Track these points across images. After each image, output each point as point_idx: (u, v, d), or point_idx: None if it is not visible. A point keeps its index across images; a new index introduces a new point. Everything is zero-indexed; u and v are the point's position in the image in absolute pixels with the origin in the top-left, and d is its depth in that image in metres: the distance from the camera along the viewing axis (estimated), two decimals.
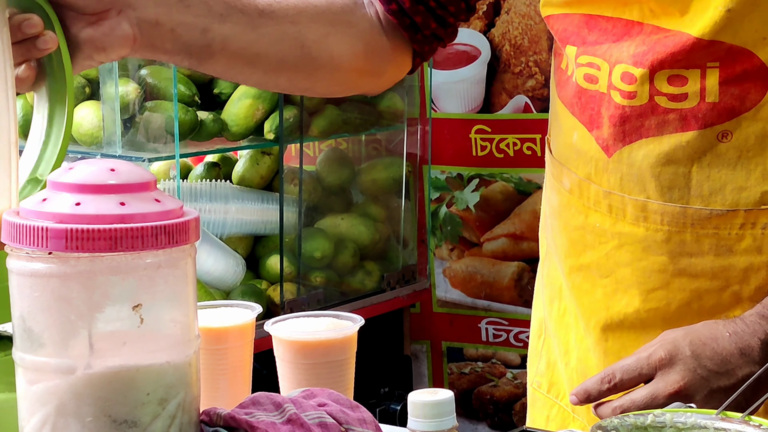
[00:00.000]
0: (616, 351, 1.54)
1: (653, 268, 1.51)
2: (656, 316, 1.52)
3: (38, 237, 1.01)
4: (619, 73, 1.46)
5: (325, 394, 1.17)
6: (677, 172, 1.46)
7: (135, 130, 2.25)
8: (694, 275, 1.49)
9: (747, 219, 1.46)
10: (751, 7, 1.37)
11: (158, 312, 1.04)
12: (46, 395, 1.03)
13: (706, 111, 1.43)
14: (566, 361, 1.64)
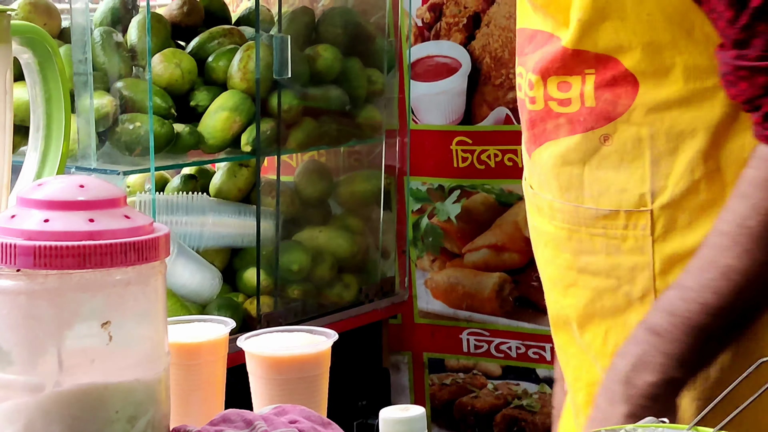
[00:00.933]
0: (560, 346, 1.64)
1: (564, 265, 1.57)
2: (574, 314, 1.58)
3: (6, 254, 1.01)
4: (528, 79, 1.53)
5: (297, 411, 1.18)
6: (572, 173, 1.51)
7: (110, 142, 2.25)
8: (592, 273, 1.54)
9: (628, 220, 1.51)
10: (601, 16, 1.42)
11: (127, 329, 1.04)
12: (15, 413, 1.03)
13: (586, 115, 1.48)
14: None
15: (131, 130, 2.24)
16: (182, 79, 2.38)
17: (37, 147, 1.35)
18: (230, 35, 2.51)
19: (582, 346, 1.61)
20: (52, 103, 1.34)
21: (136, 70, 2.35)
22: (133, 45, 2.37)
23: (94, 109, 2.21)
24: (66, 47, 2.28)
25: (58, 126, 1.34)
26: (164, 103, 2.32)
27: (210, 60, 2.45)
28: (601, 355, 1.59)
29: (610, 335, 1.58)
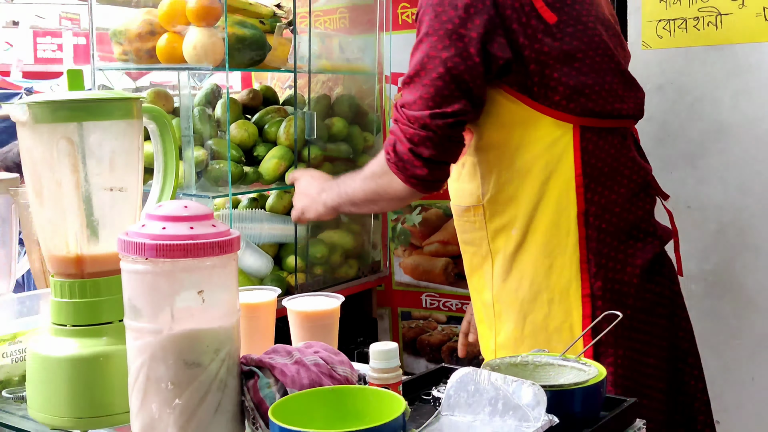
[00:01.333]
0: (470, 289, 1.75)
1: (460, 240, 1.72)
2: (467, 269, 1.72)
3: (139, 249, 1.02)
4: None
5: (319, 345, 1.18)
6: (451, 186, 1.70)
7: (204, 178, 2.25)
8: (466, 243, 1.69)
9: (475, 211, 1.63)
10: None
11: (214, 295, 1.05)
12: (144, 347, 1.04)
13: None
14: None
15: (217, 170, 2.24)
16: (248, 138, 2.38)
17: (158, 181, 1.35)
18: (278, 112, 2.51)
19: (471, 288, 1.73)
20: (167, 154, 1.35)
21: (220, 133, 2.35)
22: (218, 117, 2.37)
23: (194, 158, 2.21)
24: (176, 119, 2.28)
25: (171, 169, 1.35)
26: (237, 154, 2.32)
27: (266, 127, 2.45)
28: (476, 291, 1.71)
29: (477, 280, 1.69)
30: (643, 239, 1.56)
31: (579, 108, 1.49)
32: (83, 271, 1.19)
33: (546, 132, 1.50)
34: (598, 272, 1.51)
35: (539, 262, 1.53)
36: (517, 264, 1.56)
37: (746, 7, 2.14)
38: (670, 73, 2.27)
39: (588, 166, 1.50)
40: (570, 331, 1.51)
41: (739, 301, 2.24)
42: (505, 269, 1.58)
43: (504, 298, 1.58)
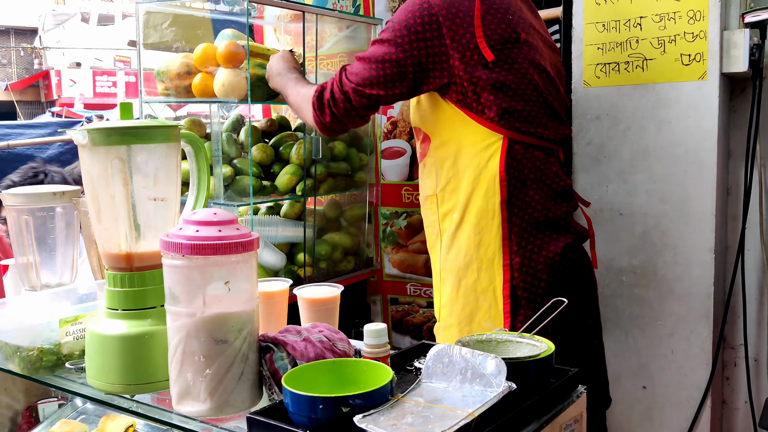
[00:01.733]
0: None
1: (424, 223, 1.76)
2: (427, 247, 1.77)
3: (178, 248, 1.02)
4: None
5: (323, 326, 1.18)
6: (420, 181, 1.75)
7: (231, 190, 2.25)
8: (427, 225, 1.72)
9: (431, 199, 1.69)
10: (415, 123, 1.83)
11: (238, 285, 1.04)
12: (181, 327, 1.03)
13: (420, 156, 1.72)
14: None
15: (241, 184, 2.23)
16: (267, 158, 2.37)
17: (193, 193, 1.35)
18: (291, 137, 2.51)
19: (431, 260, 1.76)
20: (201, 171, 1.34)
21: (243, 154, 2.35)
22: (242, 141, 2.37)
23: (222, 174, 2.20)
24: (208, 143, 2.27)
25: (203, 183, 1.34)
26: (257, 170, 2.31)
27: (281, 148, 2.45)
28: (432, 263, 1.74)
29: (433, 254, 1.73)
30: (557, 232, 1.61)
31: (508, 125, 1.54)
32: (132, 266, 1.19)
33: (481, 138, 1.56)
34: (518, 250, 1.56)
35: (471, 238, 1.59)
36: (456, 240, 1.61)
37: (667, 53, 2.15)
38: (606, 106, 2.28)
39: (510, 167, 1.57)
40: (493, 293, 1.56)
41: (661, 290, 2.25)
42: (448, 244, 1.64)
43: (446, 266, 1.63)
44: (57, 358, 1.30)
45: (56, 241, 1.62)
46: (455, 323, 1.61)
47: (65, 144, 4.65)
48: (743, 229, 2.21)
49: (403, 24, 1.52)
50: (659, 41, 2.15)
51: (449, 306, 1.62)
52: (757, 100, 2.14)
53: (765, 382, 2.28)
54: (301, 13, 2.35)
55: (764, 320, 2.27)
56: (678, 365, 2.23)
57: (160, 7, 2.51)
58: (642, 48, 2.18)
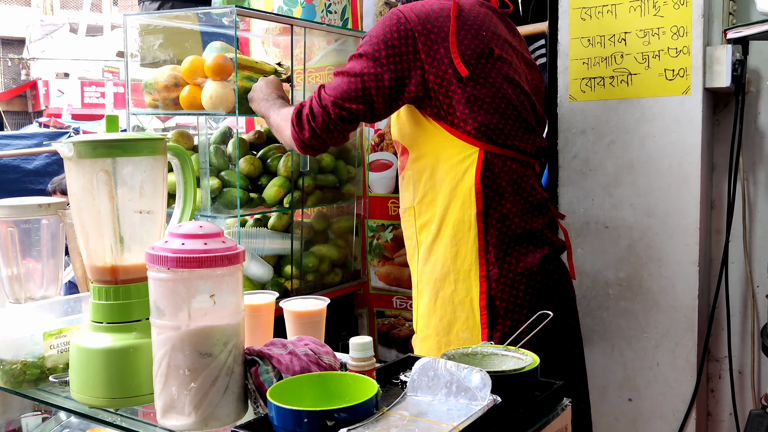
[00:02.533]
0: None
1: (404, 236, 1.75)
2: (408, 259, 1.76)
3: (163, 261, 1.01)
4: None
5: (308, 339, 1.17)
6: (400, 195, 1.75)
7: (218, 203, 2.24)
8: (406, 238, 1.73)
9: (409, 211, 1.70)
10: (398, 137, 1.80)
11: (223, 298, 1.04)
12: (166, 340, 1.03)
13: (401, 169, 1.73)
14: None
15: (228, 196, 2.23)
16: (254, 170, 2.37)
17: (179, 206, 1.34)
18: (279, 149, 2.51)
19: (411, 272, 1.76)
20: (187, 184, 1.34)
21: (231, 166, 2.34)
22: (230, 153, 2.37)
23: (210, 186, 2.20)
24: (196, 155, 2.27)
25: (189, 195, 1.34)
26: (245, 183, 2.31)
27: (269, 161, 2.45)
28: (411, 274, 1.74)
29: (411, 266, 1.73)
30: (535, 244, 1.62)
31: (484, 138, 1.56)
32: (117, 279, 1.18)
33: (457, 151, 1.57)
34: (496, 261, 1.57)
35: (448, 250, 1.60)
36: (433, 252, 1.62)
37: (651, 68, 2.17)
38: (591, 120, 2.30)
39: (486, 179, 1.59)
40: (470, 304, 1.56)
41: (646, 302, 2.26)
42: (425, 256, 1.65)
43: (423, 278, 1.64)
44: (41, 371, 1.29)
45: (41, 253, 1.61)
46: (432, 335, 1.61)
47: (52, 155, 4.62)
48: (727, 242, 2.23)
49: (381, 38, 1.54)
50: (643, 56, 2.18)
51: (426, 317, 1.62)
52: (739, 114, 2.16)
53: (749, 395, 2.29)
54: (290, 26, 2.35)
55: (748, 333, 2.28)
56: (663, 378, 2.24)
57: (149, 20, 2.51)
58: (626, 63, 2.21)
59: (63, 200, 1.64)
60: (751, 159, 2.25)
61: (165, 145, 1.23)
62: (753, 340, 2.27)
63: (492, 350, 1.21)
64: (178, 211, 1.33)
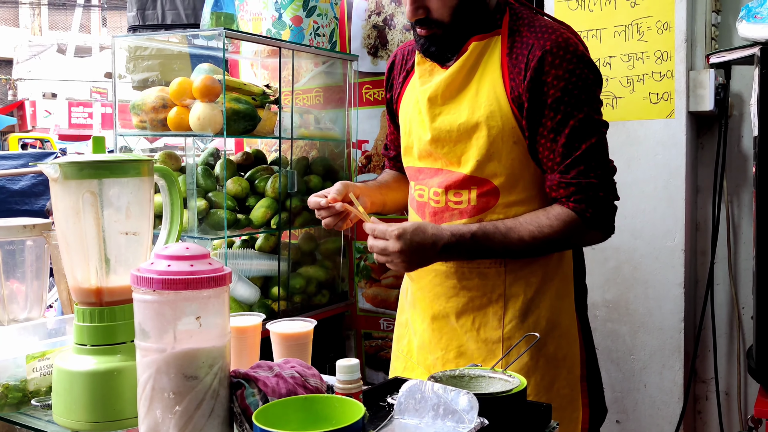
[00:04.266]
0: (438, 329, 1.51)
1: (449, 285, 1.47)
2: (453, 311, 1.48)
3: (149, 282, 1.00)
4: (432, 191, 1.47)
5: (295, 361, 1.16)
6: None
7: (205, 224, 2.24)
8: (468, 289, 1.46)
9: (492, 264, 1.43)
10: (488, 159, 1.38)
11: (209, 320, 1.03)
12: (150, 363, 1.02)
13: (470, 209, 1.43)
14: (417, 336, 1.58)
15: (215, 217, 2.22)
16: (242, 191, 2.37)
17: (166, 227, 1.34)
18: (266, 170, 2.51)
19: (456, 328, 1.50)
20: (174, 205, 1.34)
21: (218, 187, 2.34)
22: (217, 174, 2.37)
23: (197, 207, 2.20)
24: (183, 176, 2.27)
25: (176, 217, 1.33)
26: (232, 204, 2.31)
27: (256, 182, 2.45)
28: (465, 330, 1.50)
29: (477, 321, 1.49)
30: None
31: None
32: (102, 301, 1.17)
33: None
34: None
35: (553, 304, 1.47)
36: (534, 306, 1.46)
37: (635, 92, 2.20)
38: None
39: None
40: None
41: (633, 324, 2.26)
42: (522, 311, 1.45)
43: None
44: (23, 394, 1.27)
45: (25, 274, 1.60)
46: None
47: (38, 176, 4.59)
48: (712, 263, 2.25)
49: (596, 92, 1.38)
50: (628, 80, 2.20)
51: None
52: (723, 137, 2.19)
53: (736, 416, 2.29)
54: (278, 48, 2.37)
55: (734, 354, 2.29)
56: (651, 399, 2.24)
57: (138, 41, 2.51)
58: (612, 86, 2.23)
59: (48, 221, 1.63)
60: (735, 181, 2.27)
61: (152, 166, 1.23)
62: (739, 361, 2.28)
63: (479, 372, 1.21)
64: (164, 233, 1.32)
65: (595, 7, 2.24)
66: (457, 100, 1.40)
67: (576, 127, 1.33)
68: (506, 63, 1.36)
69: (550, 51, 1.31)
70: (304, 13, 2.60)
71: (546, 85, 1.32)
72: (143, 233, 1.20)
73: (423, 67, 1.46)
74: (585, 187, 1.34)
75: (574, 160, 1.34)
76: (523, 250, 1.36)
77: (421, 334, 1.56)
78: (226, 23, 2.33)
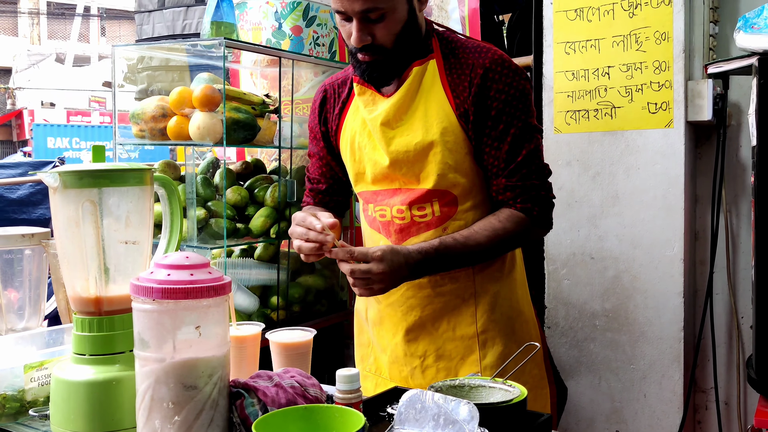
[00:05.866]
0: (413, 339, 1.56)
1: (423, 295, 1.53)
2: (429, 319, 1.54)
3: (148, 292, 1.00)
4: (395, 210, 1.51)
5: (295, 371, 1.16)
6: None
7: (204, 233, 2.24)
8: (443, 294, 1.53)
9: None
10: (447, 173, 1.46)
11: (209, 329, 1.03)
12: (150, 372, 1.02)
13: (435, 220, 1.50)
14: (387, 352, 1.60)
15: (215, 226, 2.22)
16: (241, 201, 2.37)
17: (165, 236, 1.34)
18: (266, 179, 2.51)
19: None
20: (173, 214, 1.34)
21: (218, 196, 2.34)
22: (216, 183, 2.37)
23: (196, 216, 2.19)
24: (182, 185, 2.27)
25: (176, 226, 1.33)
26: (232, 213, 2.31)
27: (256, 191, 2.45)
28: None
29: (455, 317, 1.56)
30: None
31: None
32: (101, 310, 1.17)
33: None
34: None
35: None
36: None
37: (634, 102, 2.21)
38: (576, 152, 2.32)
39: None
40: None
41: (633, 333, 2.26)
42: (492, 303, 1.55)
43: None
44: (20, 404, 1.27)
45: (23, 283, 1.59)
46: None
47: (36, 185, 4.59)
48: (711, 273, 2.25)
49: (530, 101, 1.48)
50: (627, 90, 2.21)
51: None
52: (721, 147, 2.20)
53: (736, 426, 2.29)
54: (278, 58, 2.37)
55: (734, 363, 2.29)
56: (651, 409, 2.23)
57: (138, 51, 2.52)
58: (610, 96, 2.24)
59: (46, 231, 1.63)
60: (734, 191, 2.28)
61: (152, 175, 1.23)
62: (738, 371, 2.27)
63: (480, 382, 1.20)
64: (164, 242, 1.32)
65: (593, 18, 2.25)
66: (407, 121, 1.48)
67: (517, 134, 1.44)
68: (447, 83, 1.47)
69: (490, 68, 1.43)
70: (303, 23, 2.60)
71: (489, 99, 1.43)
72: (143, 242, 1.20)
73: (364, 98, 1.54)
74: (529, 188, 1.46)
75: (517, 165, 1.45)
76: (483, 254, 1.47)
77: (393, 349, 1.60)
78: (226, 33, 2.34)
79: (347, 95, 1.60)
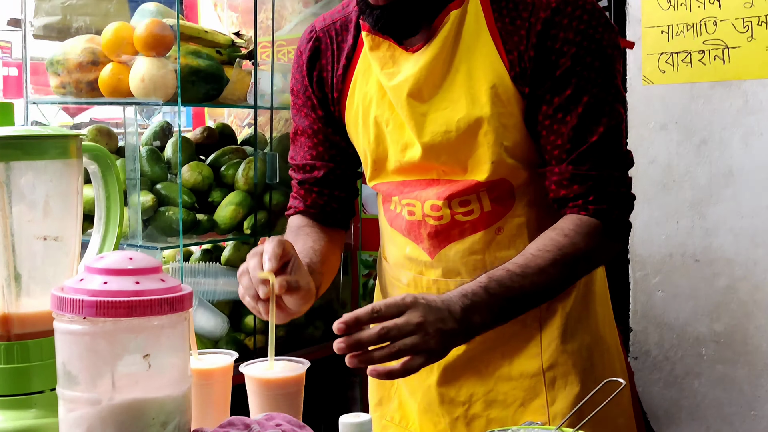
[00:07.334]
0: (453, 379, 1.54)
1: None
2: (474, 353, 1.51)
3: (76, 306, 1.00)
4: (428, 206, 1.48)
5: (281, 417, 1.16)
6: (476, 258, 1.48)
7: (152, 227, 2.24)
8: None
9: None
10: (506, 157, 1.42)
11: (162, 359, 1.03)
12: (80, 420, 1.01)
13: (484, 218, 1.47)
14: (417, 397, 1.59)
15: (166, 217, 2.22)
16: (203, 182, 2.37)
17: (100, 230, 1.34)
18: (236, 152, 2.51)
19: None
20: (111, 200, 1.34)
21: (170, 176, 2.34)
22: (168, 158, 2.37)
23: (141, 204, 2.20)
24: (121, 160, 2.27)
25: (114, 216, 1.33)
26: (189, 199, 2.31)
27: (222, 169, 2.45)
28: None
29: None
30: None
31: None
32: (10, 332, 1.17)
33: None
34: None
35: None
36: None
37: (755, 39, 2.19)
38: (674, 112, 2.31)
39: None
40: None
41: (755, 367, 2.25)
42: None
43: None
44: None
45: None
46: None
47: None
48: None
49: (616, 58, 1.47)
50: (744, 23, 2.19)
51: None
52: None
53: None
54: None
55: None
56: None
57: None
58: (721, 32, 2.22)
59: None
60: None
61: (79, 145, 1.22)
62: None
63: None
64: (97, 238, 1.32)
65: None
66: (446, 89, 1.43)
67: (591, 104, 1.39)
68: (497, 31, 1.41)
69: (558, 8, 1.37)
70: None
71: (554, 53, 1.38)
72: (68, 238, 1.20)
73: (379, 53, 1.47)
74: (606, 180, 1.41)
75: (590, 147, 1.40)
76: (550, 285, 1.40)
77: (425, 392, 1.58)
78: None
79: (353, 45, 1.54)
